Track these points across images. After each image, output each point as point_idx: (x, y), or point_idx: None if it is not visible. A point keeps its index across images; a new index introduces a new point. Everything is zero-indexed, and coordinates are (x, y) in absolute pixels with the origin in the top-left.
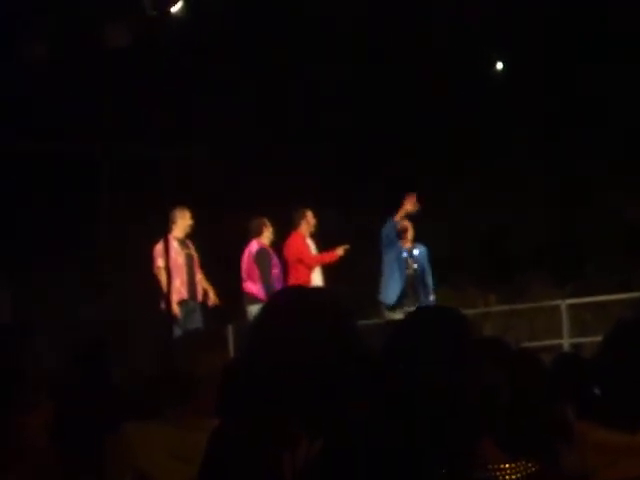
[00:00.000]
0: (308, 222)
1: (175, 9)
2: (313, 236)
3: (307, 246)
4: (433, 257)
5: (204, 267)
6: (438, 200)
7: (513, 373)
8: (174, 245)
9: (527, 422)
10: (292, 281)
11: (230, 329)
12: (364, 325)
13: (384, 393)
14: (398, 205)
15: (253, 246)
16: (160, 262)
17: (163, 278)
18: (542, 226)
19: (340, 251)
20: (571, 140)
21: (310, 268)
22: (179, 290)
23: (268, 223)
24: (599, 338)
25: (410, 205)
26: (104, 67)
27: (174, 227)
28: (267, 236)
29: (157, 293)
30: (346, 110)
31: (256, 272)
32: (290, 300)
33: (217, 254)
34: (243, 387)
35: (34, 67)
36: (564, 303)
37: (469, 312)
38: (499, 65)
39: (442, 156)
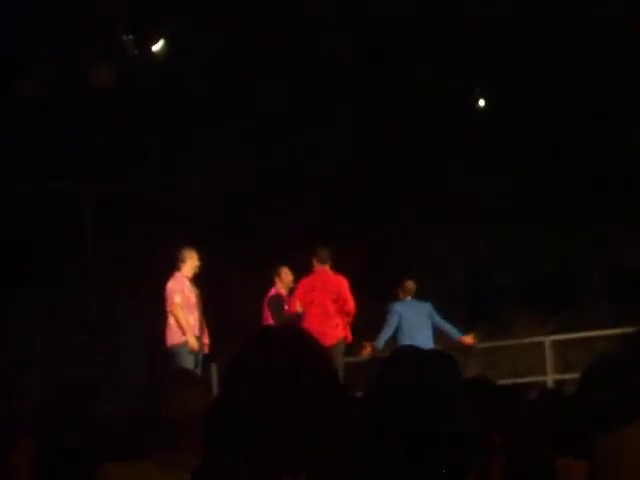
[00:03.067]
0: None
1: (156, 48)
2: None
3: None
4: (417, 292)
5: None
6: (422, 233)
7: (499, 410)
8: (187, 283)
9: (517, 466)
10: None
11: (214, 368)
12: (352, 362)
13: (366, 429)
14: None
15: (270, 292)
16: (177, 299)
17: (180, 314)
18: (527, 261)
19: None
20: (556, 175)
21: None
22: (194, 327)
23: (287, 271)
24: None
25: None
26: (89, 105)
27: (183, 266)
28: (285, 283)
29: (148, 330)
30: (336, 142)
31: (269, 317)
32: (262, 335)
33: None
34: (223, 425)
35: (19, 105)
36: (548, 339)
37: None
38: (481, 102)
39: (425, 189)
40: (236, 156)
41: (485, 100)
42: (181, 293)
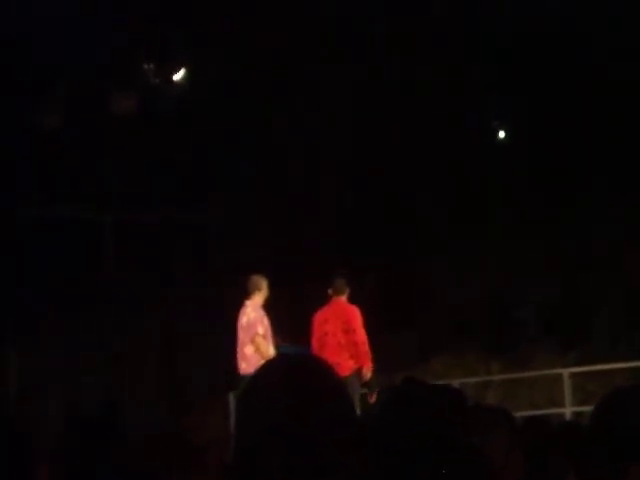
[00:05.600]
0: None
1: (178, 77)
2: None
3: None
4: (436, 323)
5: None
6: (441, 265)
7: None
8: (264, 313)
9: None
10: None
11: (231, 397)
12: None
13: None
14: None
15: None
16: (260, 329)
17: (262, 345)
18: (545, 294)
19: None
20: (575, 208)
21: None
22: (273, 355)
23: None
24: None
25: None
26: (110, 133)
27: (258, 294)
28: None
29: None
30: (347, 173)
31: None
32: (275, 364)
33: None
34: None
35: (41, 134)
36: (567, 372)
37: (470, 380)
38: (501, 133)
39: (445, 220)
40: (252, 187)
41: (505, 132)
42: (261, 323)
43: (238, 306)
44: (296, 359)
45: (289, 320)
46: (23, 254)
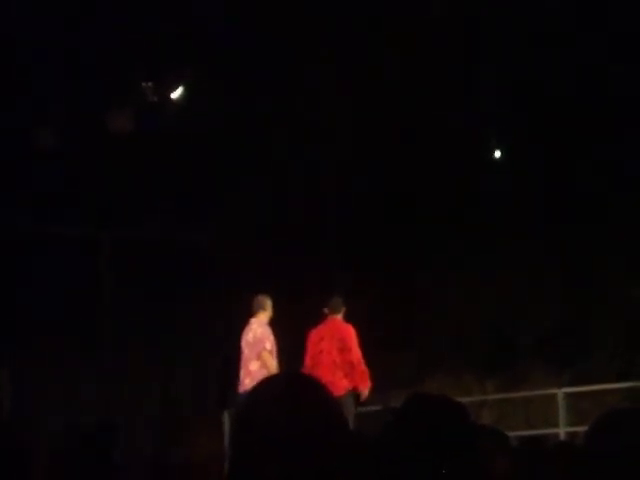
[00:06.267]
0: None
1: (175, 95)
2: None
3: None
4: (431, 343)
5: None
6: (438, 284)
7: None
8: (270, 330)
9: None
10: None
11: (226, 415)
12: (363, 412)
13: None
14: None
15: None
16: (268, 345)
17: (270, 361)
18: (541, 314)
19: None
20: (571, 227)
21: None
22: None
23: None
24: None
25: None
26: (107, 152)
27: (263, 314)
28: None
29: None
30: (347, 189)
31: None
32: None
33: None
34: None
35: (39, 152)
36: (561, 392)
37: (464, 399)
38: (497, 153)
39: (444, 240)
40: (251, 205)
41: (501, 151)
42: (268, 339)
43: (238, 324)
44: (292, 376)
45: (289, 337)
46: (22, 271)
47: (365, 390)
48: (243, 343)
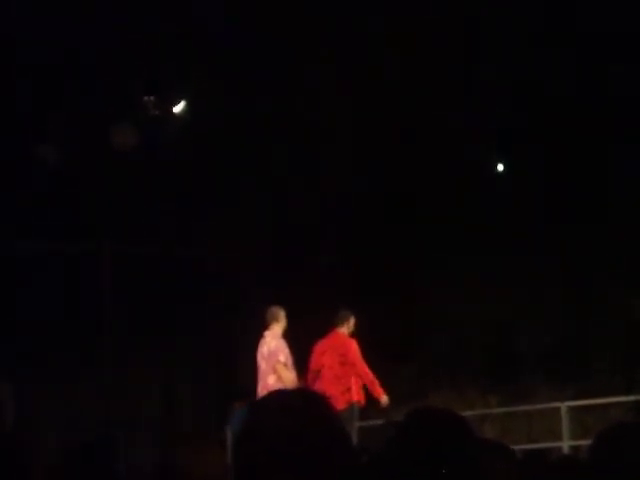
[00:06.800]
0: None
1: (178, 109)
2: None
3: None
4: (434, 356)
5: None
6: (440, 298)
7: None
8: (285, 342)
9: None
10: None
11: (228, 429)
12: (365, 426)
13: None
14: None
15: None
16: (282, 358)
17: (284, 373)
18: (544, 328)
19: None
20: (572, 241)
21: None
22: (296, 383)
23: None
24: None
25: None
26: (110, 167)
27: (277, 325)
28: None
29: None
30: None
31: None
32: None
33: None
34: None
35: (41, 166)
36: (564, 405)
37: (467, 413)
38: (500, 166)
39: (445, 254)
40: (253, 219)
41: (503, 165)
42: (283, 352)
43: (239, 338)
44: (296, 391)
45: (293, 351)
46: (22, 286)
47: (382, 397)
48: (259, 357)
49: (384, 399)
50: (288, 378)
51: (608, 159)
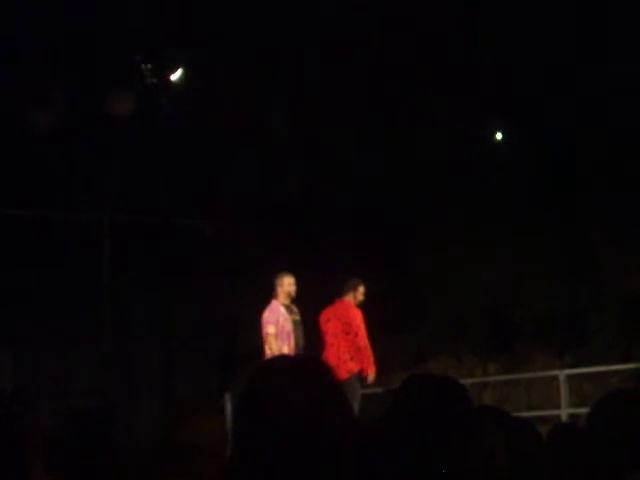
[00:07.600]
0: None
1: (175, 77)
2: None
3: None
4: (434, 325)
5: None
6: (439, 267)
7: (512, 439)
8: (282, 312)
9: None
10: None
11: (227, 397)
12: (366, 394)
13: (382, 461)
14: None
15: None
16: (270, 329)
17: (273, 345)
18: (543, 296)
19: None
20: (572, 210)
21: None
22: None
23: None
24: None
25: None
26: (107, 134)
27: (280, 291)
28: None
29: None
30: (348, 176)
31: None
32: (271, 366)
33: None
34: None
35: (37, 135)
36: (562, 373)
37: (467, 381)
38: (498, 135)
39: (444, 224)
40: (252, 189)
41: (502, 133)
42: (275, 323)
43: (238, 307)
44: (297, 359)
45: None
46: (23, 255)
47: (371, 374)
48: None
49: (371, 377)
50: (276, 347)
51: (609, 130)
